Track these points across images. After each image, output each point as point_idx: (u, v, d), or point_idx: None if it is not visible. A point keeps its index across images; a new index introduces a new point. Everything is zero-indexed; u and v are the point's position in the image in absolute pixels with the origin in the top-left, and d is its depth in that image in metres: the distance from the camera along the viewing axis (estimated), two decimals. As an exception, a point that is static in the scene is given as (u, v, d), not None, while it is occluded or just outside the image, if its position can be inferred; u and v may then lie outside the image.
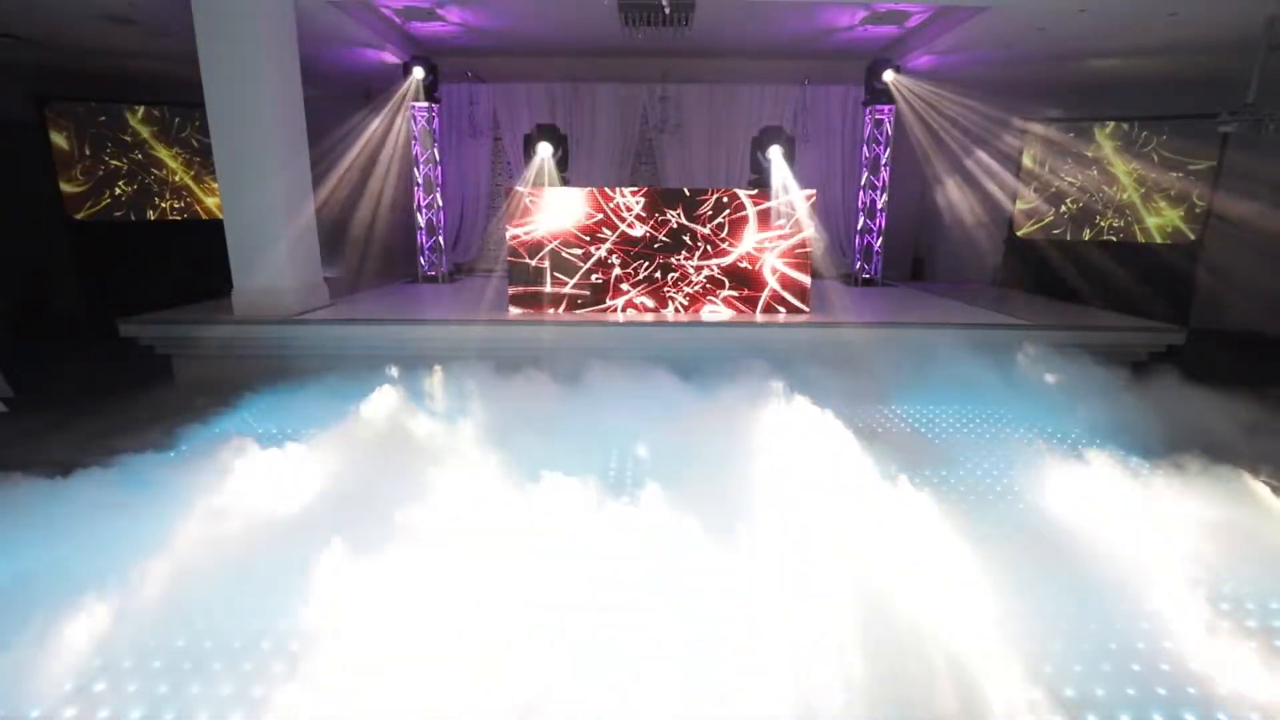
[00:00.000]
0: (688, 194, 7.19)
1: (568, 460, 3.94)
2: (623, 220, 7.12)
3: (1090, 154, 8.98)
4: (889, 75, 8.70)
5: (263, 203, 6.55)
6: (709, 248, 7.20)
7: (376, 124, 9.06)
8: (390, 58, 8.79)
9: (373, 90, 9.44)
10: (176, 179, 9.51)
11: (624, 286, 7.29)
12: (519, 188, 7.29)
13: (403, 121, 9.15)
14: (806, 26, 8.20)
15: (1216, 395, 5.16)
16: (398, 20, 8.16)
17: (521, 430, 4.48)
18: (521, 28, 8.48)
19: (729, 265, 7.24)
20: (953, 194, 9.89)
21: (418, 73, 8.76)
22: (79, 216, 9.06)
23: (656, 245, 7.19)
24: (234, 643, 2.73)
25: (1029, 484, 4.17)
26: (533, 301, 7.27)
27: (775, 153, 7.81)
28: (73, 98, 8.83)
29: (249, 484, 3.84)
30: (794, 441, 4.36)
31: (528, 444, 4.24)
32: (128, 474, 3.99)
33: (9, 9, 6.70)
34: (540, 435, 4.46)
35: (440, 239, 9.67)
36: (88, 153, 8.97)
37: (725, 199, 7.13)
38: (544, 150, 7.91)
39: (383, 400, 4.94)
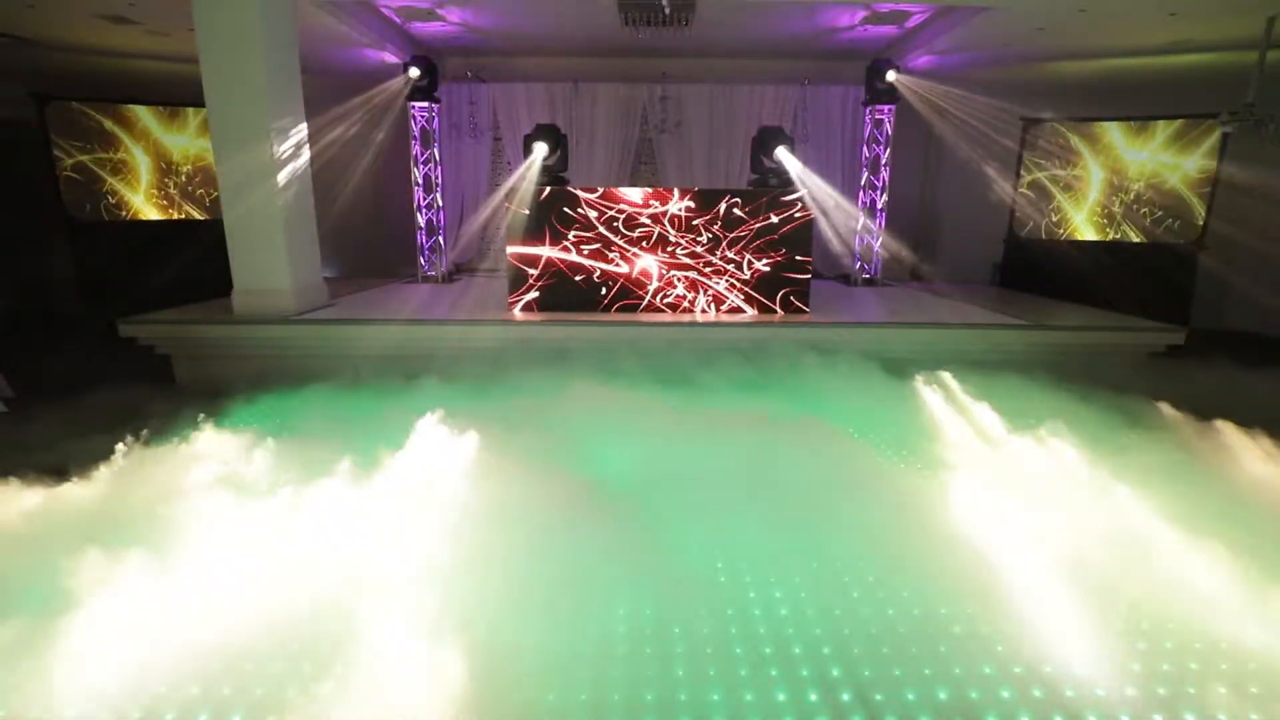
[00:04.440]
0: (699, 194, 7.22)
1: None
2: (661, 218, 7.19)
3: (1090, 154, 8.97)
4: (892, 75, 8.69)
5: (262, 202, 6.55)
6: (729, 247, 7.24)
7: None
8: (390, 58, 8.78)
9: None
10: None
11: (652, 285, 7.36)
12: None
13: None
14: (806, 26, 8.20)
15: None
16: (398, 20, 8.17)
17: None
18: (522, 27, 8.49)
19: (749, 265, 7.27)
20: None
21: (413, 73, 8.70)
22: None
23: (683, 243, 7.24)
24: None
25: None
26: (556, 301, 7.28)
27: (784, 153, 7.77)
28: (73, 98, 8.83)
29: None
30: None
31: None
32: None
33: (9, 9, 6.70)
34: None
35: (440, 239, 9.67)
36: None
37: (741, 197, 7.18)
38: (539, 151, 7.72)
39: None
